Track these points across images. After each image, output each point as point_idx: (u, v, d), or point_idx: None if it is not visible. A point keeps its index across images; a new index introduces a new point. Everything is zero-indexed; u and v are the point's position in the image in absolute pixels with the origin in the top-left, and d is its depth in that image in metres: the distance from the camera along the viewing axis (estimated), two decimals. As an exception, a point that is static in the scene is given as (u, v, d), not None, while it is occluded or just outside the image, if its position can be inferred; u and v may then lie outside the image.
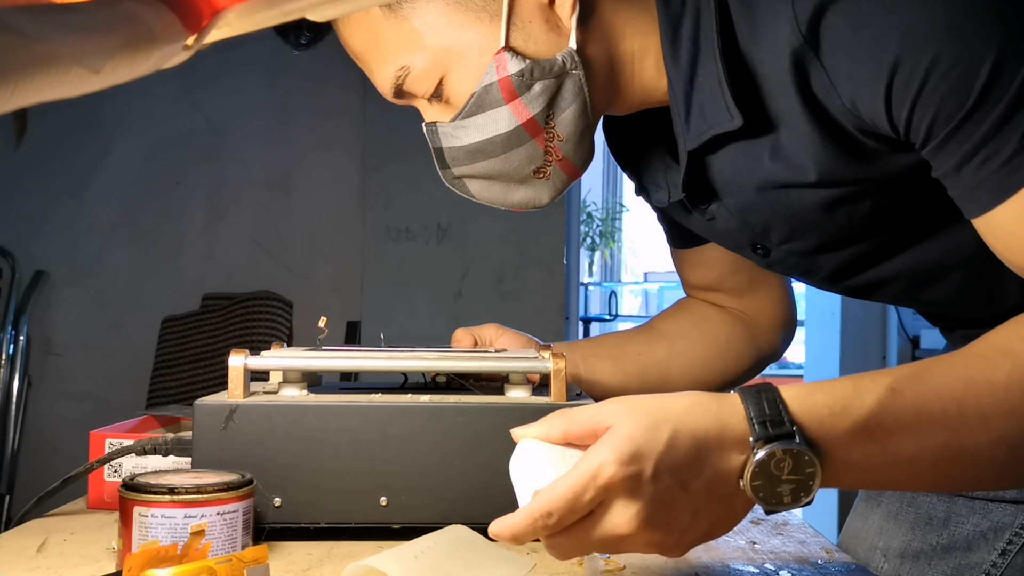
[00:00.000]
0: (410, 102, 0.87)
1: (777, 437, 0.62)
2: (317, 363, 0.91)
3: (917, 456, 0.65)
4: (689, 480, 0.62)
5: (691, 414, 0.63)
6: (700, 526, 0.64)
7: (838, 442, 0.63)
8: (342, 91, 3.26)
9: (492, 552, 0.81)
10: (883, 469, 0.66)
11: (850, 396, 0.64)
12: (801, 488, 0.63)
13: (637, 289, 9.68)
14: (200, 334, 2.97)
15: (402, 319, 3.21)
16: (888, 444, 0.64)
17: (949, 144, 0.69)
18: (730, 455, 0.63)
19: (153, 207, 3.29)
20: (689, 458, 0.62)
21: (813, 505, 0.68)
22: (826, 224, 0.83)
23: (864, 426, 0.63)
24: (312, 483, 0.85)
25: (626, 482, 0.60)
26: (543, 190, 0.87)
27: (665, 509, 0.62)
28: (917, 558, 0.97)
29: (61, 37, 0.28)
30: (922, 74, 0.67)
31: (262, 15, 0.35)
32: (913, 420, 0.64)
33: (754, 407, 0.63)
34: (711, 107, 0.78)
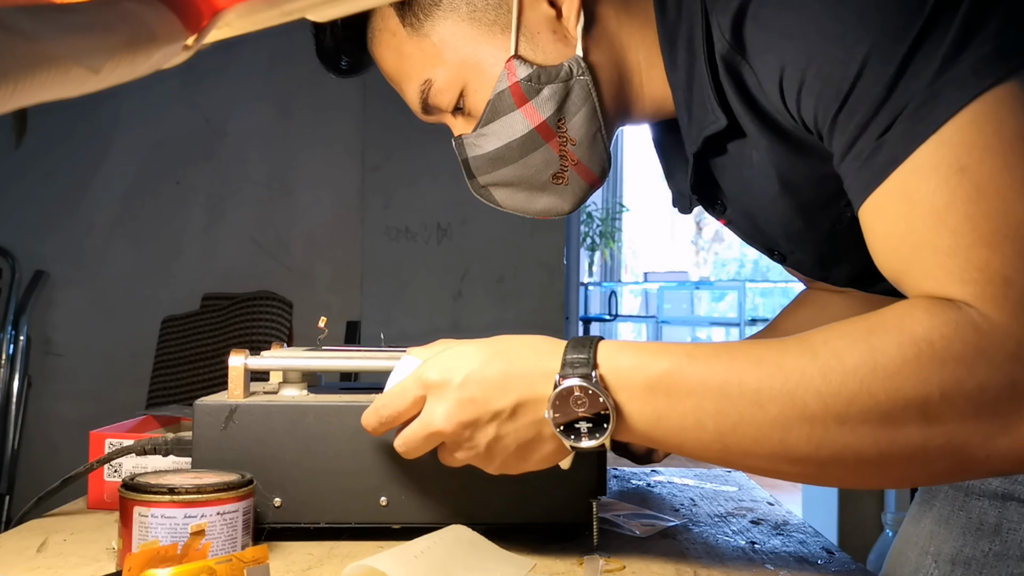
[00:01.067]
0: (439, 118, 0.91)
1: (576, 375, 0.70)
2: (317, 363, 0.91)
3: (700, 421, 0.68)
4: (492, 397, 0.72)
5: (515, 348, 0.74)
6: (507, 444, 0.74)
7: (630, 393, 0.70)
8: (342, 91, 3.26)
9: (492, 552, 0.81)
10: (672, 429, 0.69)
11: (651, 354, 0.70)
12: (596, 428, 0.70)
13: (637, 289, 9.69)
14: (200, 334, 2.97)
15: (402, 319, 3.21)
16: (674, 404, 0.68)
17: (832, 140, 0.70)
18: (539, 385, 0.72)
19: (153, 207, 3.30)
20: (497, 379, 0.72)
21: (813, 505, 0.69)
22: (813, 235, 0.84)
23: (655, 383, 0.69)
24: (312, 483, 0.85)
25: (438, 385, 0.73)
26: (565, 197, 0.91)
27: (468, 414, 0.72)
28: (969, 564, 0.97)
29: (61, 37, 0.28)
30: (800, 75, 0.69)
31: (262, 15, 0.36)
32: (696, 384, 0.68)
33: (571, 349, 0.72)
34: (702, 110, 0.81)
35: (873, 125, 0.66)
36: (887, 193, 0.67)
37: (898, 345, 0.63)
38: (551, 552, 0.84)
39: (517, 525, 0.86)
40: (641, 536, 0.92)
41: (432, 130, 0.99)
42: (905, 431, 0.64)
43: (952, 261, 0.64)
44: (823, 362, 0.65)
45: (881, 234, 0.69)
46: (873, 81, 0.66)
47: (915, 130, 0.65)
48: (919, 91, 0.64)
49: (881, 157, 0.66)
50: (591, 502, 0.85)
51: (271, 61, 3.28)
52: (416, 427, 0.75)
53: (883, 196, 0.67)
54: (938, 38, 0.64)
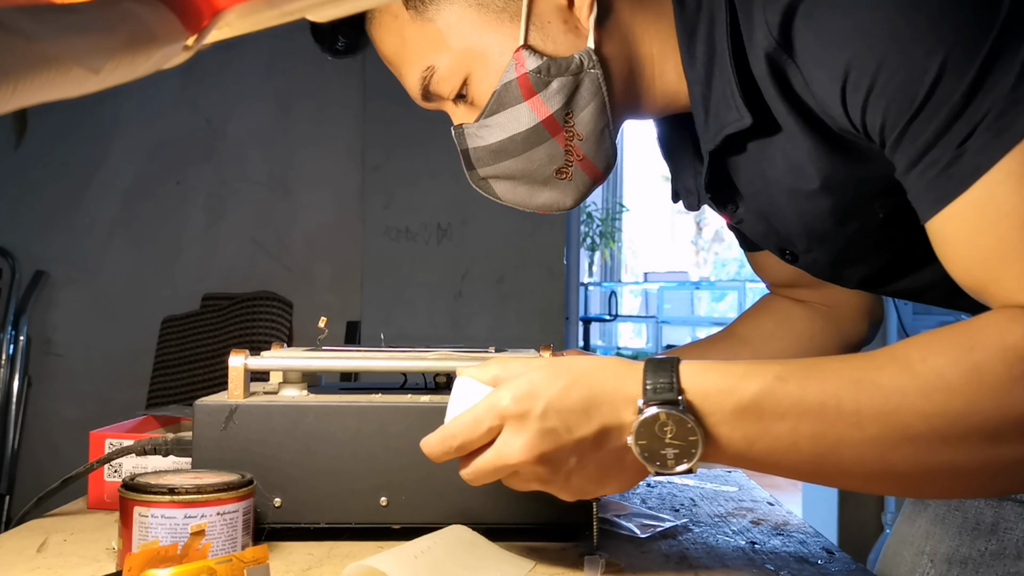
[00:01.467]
0: (439, 105, 0.89)
1: (662, 401, 0.67)
2: (317, 363, 0.91)
3: (795, 444, 0.67)
4: (575, 425, 0.69)
5: (592, 371, 0.70)
6: (588, 473, 0.71)
7: (720, 418, 0.68)
8: (342, 91, 3.26)
9: (492, 552, 0.81)
10: (764, 452, 0.68)
11: (738, 377, 0.68)
12: (684, 454, 0.68)
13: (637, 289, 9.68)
14: (200, 334, 2.97)
15: (402, 319, 3.21)
16: (767, 427, 0.67)
17: (899, 148, 0.69)
18: (621, 412, 0.69)
19: (153, 207, 3.29)
20: (578, 406, 0.69)
21: (813, 506, 0.69)
22: (839, 235, 0.83)
23: (745, 407, 0.67)
24: (312, 483, 0.85)
25: (518, 415, 0.69)
26: (567, 192, 0.88)
27: (549, 445, 0.69)
28: (965, 564, 0.97)
29: (61, 37, 0.28)
30: (869, 79, 0.67)
31: (262, 15, 0.35)
32: (791, 407, 0.66)
33: (651, 373, 0.69)
34: (724, 108, 0.79)
35: (950, 135, 0.65)
36: (969, 203, 0.65)
37: (1003, 362, 0.63)
38: (551, 552, 0.84)
39: (517, 525, 0.86)
40: (641, 536, 0.92)
41: (432, 130, 0.99)
42: (1009, 447, 0.64)
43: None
44: (924, 381, 0.64)
45: (962, 244, 0.67)
46: (951, 89, 0.64)
47: (999, 139, 0.64)
48: (999, 100, 0.63)
49: (962, 167, 0.65)
50: (591, 502, 0.85)
51: (271, 61, 3.28)
52: (491, 459, 0.71)
53: (965, 206, 0.66)
54: (1016, 45, 0.64)
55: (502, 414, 0.70)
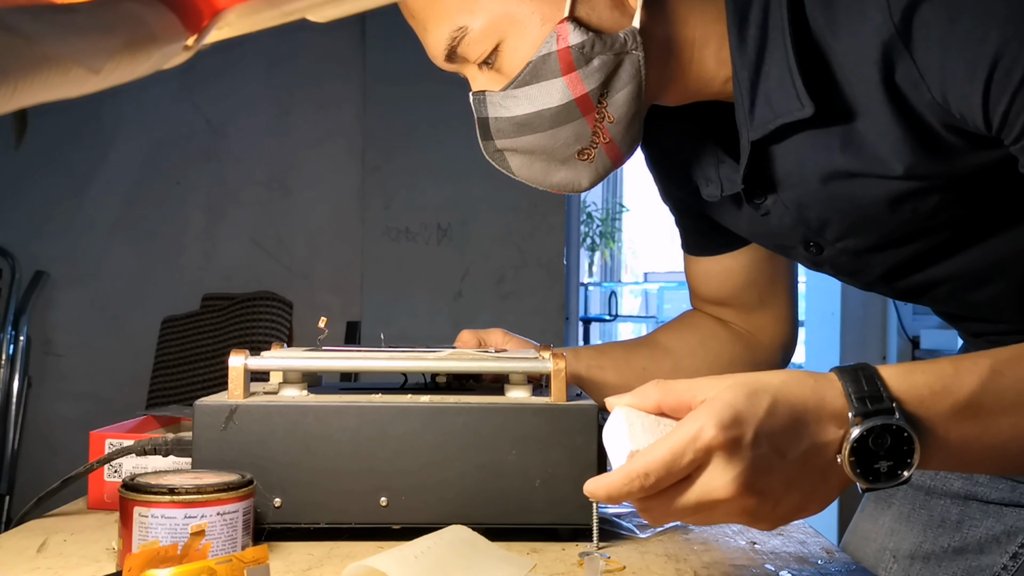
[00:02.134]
0: (460, 68, 0.85)
1: (876, 412, 0.62)
2: (317, 363, 0.91)
3: (1015, 438, 0.64)
4: (787, 448, 0.62)
5: (789, 386, 0.64)
6: (793, 498, 0.64)
7: (938, 421, 0.63)
8: (343, 91, 3.26)
9: (492, 552, 0.81)
10: (980, 450, 0.65)
11: (951, 376, 0.64)
12: (899, 465, 0.63)
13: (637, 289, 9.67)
14: (200, 334, 2.97)
15: (402, 319, 3.21)
16: (988, 425, 0.64)
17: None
18: (828, 428, 0.63)
19: (153, 207, 3.29)
20: (788, 427, 0.62)
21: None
22: (889, 220, 0.81)
23: (965, 406, 0.63)
24: (312, 483, 0.85)
25: (726, 446, 0.60)
26: (584, 173, 0.85)
27: (762, 475, 0.62)
28: (927, 559, 0.97)
29: (61, 37, 0.28)
30: (1022, 66, 0.66)
31: (262, 15, 0.36)
32: (1014, 401, 0.64)
33: (852, 383, 0.63)
34: (779, 96, 0.76)
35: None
36: None
37: None
38: (551, 552, 0.84)
39: (517, 525, 0.86)
40: (641, 536, 0.92)
41: (432, 130, 0.99)
42: None
43: None
44: None
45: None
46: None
47: None
48: None
49: None
50: (591, 502, 0.85)
51: (271, 61, 3.28)
52: (693, 497, 0.62)
53: None
54: None
55: (709, 446, 0.61)
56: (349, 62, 3.25)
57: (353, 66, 3.25)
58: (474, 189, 3.19)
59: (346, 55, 3.24)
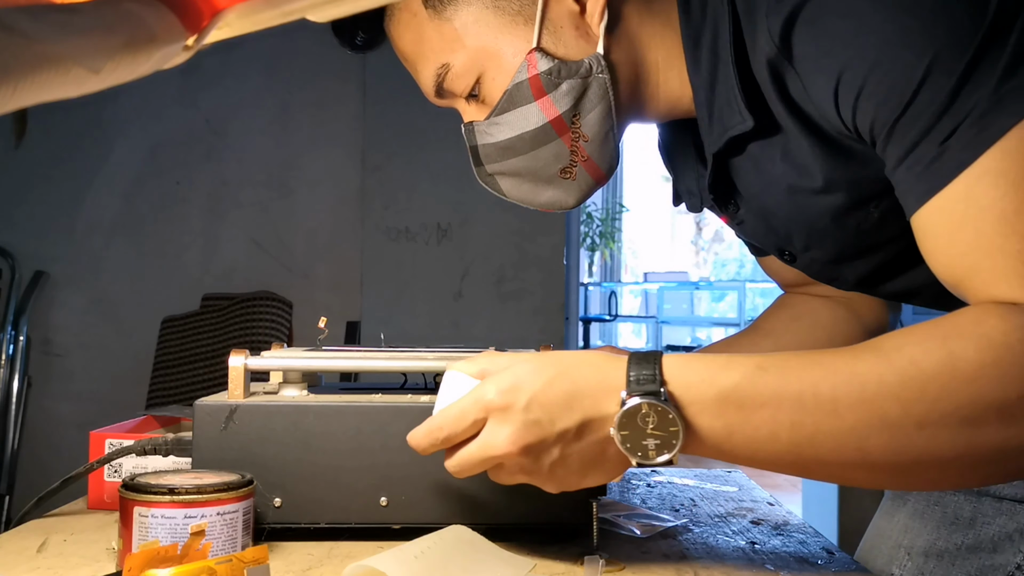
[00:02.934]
0: (451, 103, 0.91)
1: (645, 393, 0.68)
2: (317, 363, 0.91)
3: (774, 433, 0.67)
4: (557, 418, 0.70)
5: (577, 365, 0.72)
6: (571, 465, 0.72)
7: (700, 408, 0.69)
8: (342, 91, 3.26)
9: (492, 552, 0.81)
10: (744, 443, 0.69)
11: (719, 368, 0.69)
12: (665, 445, 0.69)
13: (637, 289, 9.69)
14: (200, 334, 2.97)
15: (402, 319, 3.21)
16: (747, 417, 0.68)
17: (888, 146, 0.71)
18: (603, 403, 0.70)
19: (153, 207, 3.30)
20: (561, 399, 0.70)
21: (813, 505, 0.69)
22: (838, 234, 0.85)
23: (725, 396, 0.68)
24: (312, 483, 0.85)
25: (502, 408, 0.71)
26: (570, 191, 0.91)
27: (535, 438, 0.70)
28: (941, 557, 0.98)
29: (61, 37, 0.28)
30: (860, 80, 0.70)
31: (262, 15, 0.36)
32: (770, 396, 0.67)
33: (634, 365, 0.70)
34: (727, 111, 0.81)
35: (935, 132, 0.67)
36: (950, 198, 0.67)
37: (976, 350, 0.64)
38: (551, 552, 0.84)
39: (517, 525, 0.86)
40: (641, 536, 0.92)
41: (432, 131, 0.99)
42: (984, 433, 0.64)
43: (1023, 266, 0.65)
44: (900, 369, 0.65)
45: (944, 238, 0.69)
46: (937, 89, 0.66)
47: (980, 136, 0.66)
48: (983, 99, 0.65)
49: (944, 162, 0.67)
50: (591, 502, 0.85)
51: (271, 61, 3.28)
52: (475, 450, 0.72)
53: (946, 200, 0.68)
54: (999, 48, 0.66)
55: (487, 407, 0.71)
56: (349, 62, 3.25)
57: (353, 66, 3.25)
58: (474, 189, 3.17)
59: (346, 55, 3.23)
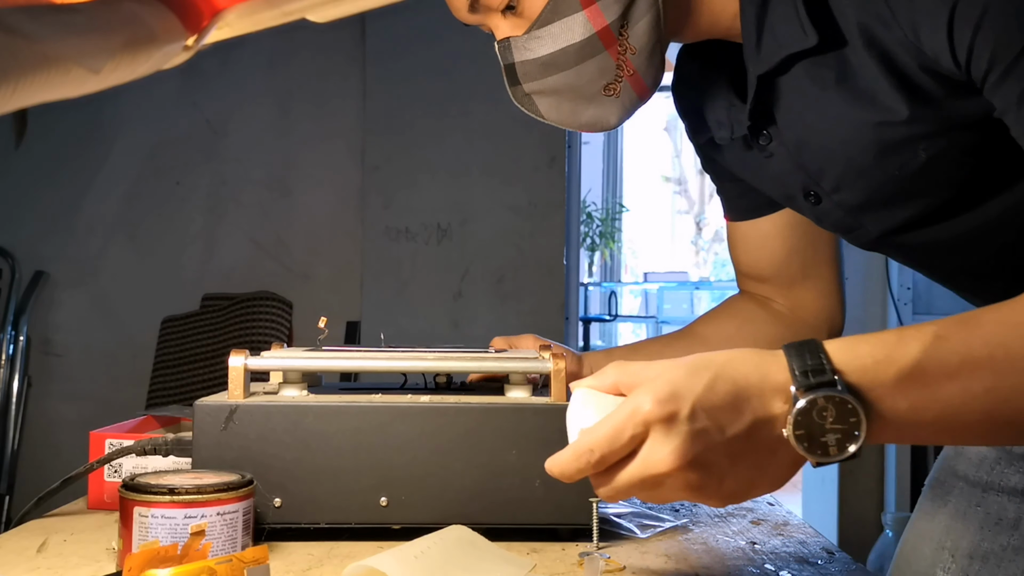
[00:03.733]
0: (483, 18, 0.87)
1: (818, 385, 0.62)
2: (317, 363, 0.91)
3: (966, 404, 0.63)
4: (727, 423, 0.63)
5: (732, 363, 0.65)
6: (741, 474, 0.64)
7: (883, 391, 0.63)
8: (342, 91, 3.26)
9: (492, 552, 0.81)
10: (932, 419, 0.64)
11: (893, 345, 0.63)
12: (847, 438, 0.62)
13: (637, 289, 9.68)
14: (200, 334, 2.97)
15: (402, 319, 3.21)
16: (935, 391, 0.63)
17: (1009, 77, 0.67)
18: (771, 402, 0.63)
19: (153, 207, 3.29)
20: (727, 402, 0.63)
21: (813, 505, 0.68)
22: (876, 173, 0.81)
23: (909, 373, 0.62)
24: (312, 483, 0.85)
25: (663, 419, 0.62)
26: (612, 109, 0.87)
27: (702, 448, 0.62)
28: (987, 559, 0.96)
29: (61, 38, 0.28)
30: (980, 10, 0.67)
31: (262, 15, 0.36)
32: (959, 365, 0.62)
33: (796, 358, 0.64)
34: (783, 27, 0.78)
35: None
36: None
37: None
38: (551, 552, 0.84)
39: (517, 525, 0.86)
40: (641, 536, 0.92)
41: (433, 131, 0.99)
42: None
43: None
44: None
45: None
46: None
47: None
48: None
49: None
50: (591, 502, 0.85)
51: (271, 61, 3.28)
52: (636, 470, 0.63)
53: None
54: None
55: (646, 420, 0.63)
56: (349, 62, 3.24)
57: (353, 66, 3.25)
58: (474, 189, 3.19)
59: (346, 55, 3.24)
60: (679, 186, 15.90)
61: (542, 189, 3.20)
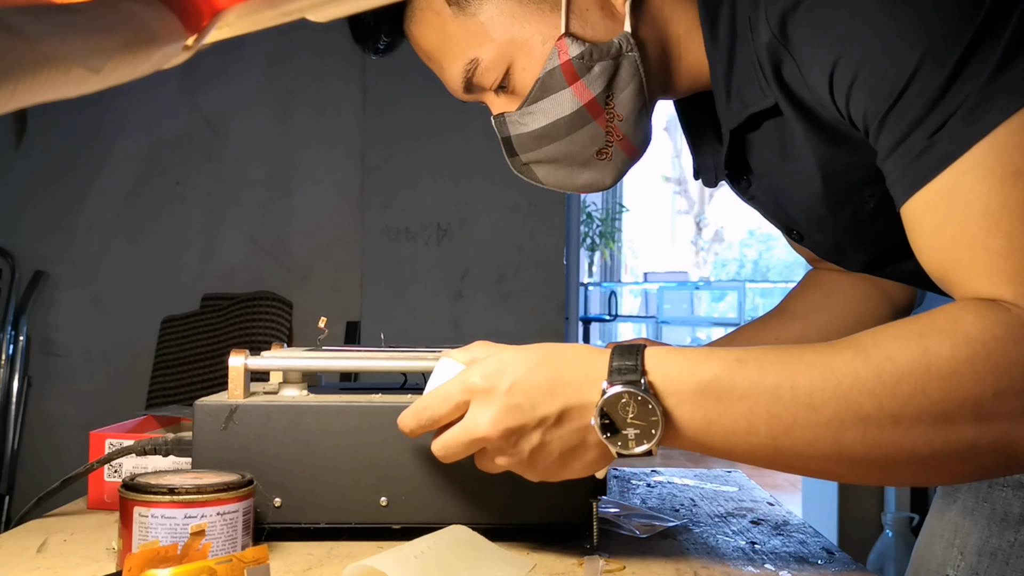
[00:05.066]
0: (479, 97, 0.91)
1: (625, 382, 0.69)
2: (317, 363, 0.91)
3: (752, 425, 0.68)
4: (538, 403, 0.71)
5: (561, 354, 0.73)
6: (551, 451, 0.73)
7: (680, 398, 0.69)
8: (342, 91, 3.26)
9: (492, 552, 0.81)
10: (722, 433, 0.69)
11: (700, 360, 0.70)
12: (644, 435, 0.70)
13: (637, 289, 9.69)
14: (200, 334, 2.97)
15: (402, 319, 3.21)
16: (726, 408, 0.68)
17: (880, 136, 0.71)
18: (585, 392, 0.71)
19: (153, 207, 3.30)
20: (543, 386, 0.72)
21: (813, 505, 0.69)
22: (835, 221, 0.85)
23: (704, 388, 0.69)
24: (312, 483, 0.85)
25: (484, 391, 0.72)
26: (606, 171, 0.91)
27: (514, 422, 0.71)
28: (995, 555, 0.97)
29: (61, 37, 0.28)
30: (854, 69, 0.70)
31: (262, 15, 0.36)
32: (747, 388, 0.68)
33: (617, 356, 0.71)
34: (747, 87, 0.81)
35: (925, 124, 0.67)
36: (937, 191, 0.67)
37: (952, 347, 0.64)
38: (551, 552, 0.84)
39: (517, 525, 0.86)
40: (641, 536, 0.92)
41: (432, 131, 0.99)
42: (958, 430, 0.64)
43: (1005, 263, 0.65)
44: (876, 364, 0.65)
45: (929, 231, 0.69)
46: (928, 81, 0.66)
47: (969, 130, 0.65)
48: (973, 93, 0.65)
49: (933, 154, 0.67)
50: (591, 502, 0.85)
51: (271, 61, 3.28)
52: (458, 432, 0.74)
53: (933, 193, 0.68)
54: (992, 42, 0.65)
55: (470, 389, 0.73)
56: (349, 62, 3.25)
57: (353, 66, 3.25)
58: (474, 189, 3.19)
59: (346, 55, 3.24)
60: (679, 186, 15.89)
61: (542, 189, 3.20)
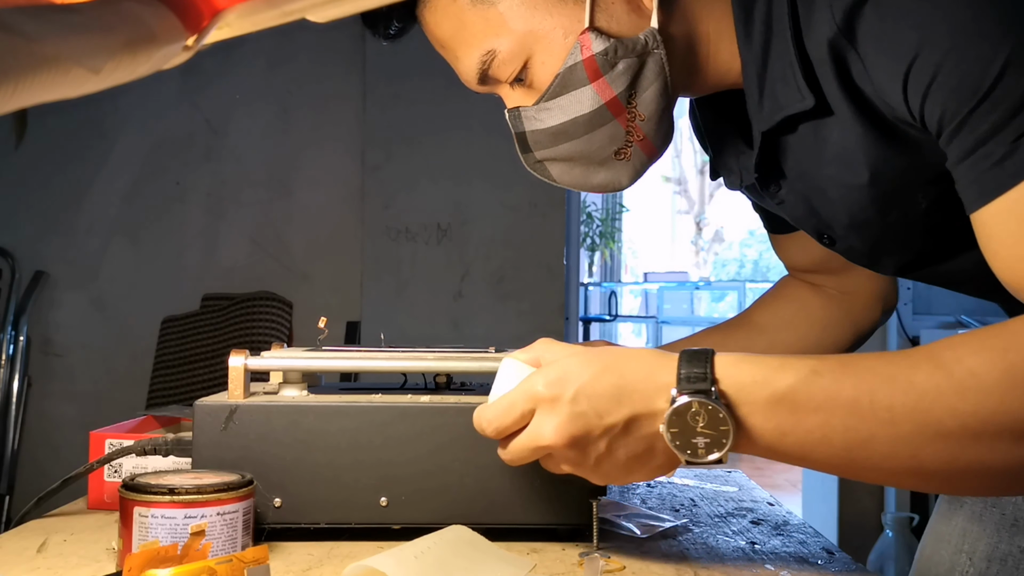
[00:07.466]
0: (493, 89, 0.88)
1: (696, 391, 0.68)
2: (317, 363, 0.91)
3: (827, 437, 0.67)
4: (605, 411, 0.70)
5: (626, 360, 0.72)
6: (617, 458, 0.72)
7: (753, 408, 0.68)
8: (342, 91, 3.26)
9: (492, 552, 0.81)
10: (795, 444, 0.68)
11: (774, 369, 0.69)
12: (715, 444, 0.69)
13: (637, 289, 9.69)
14: (200, 334, 2.97)
15: (402, 319, 3.21)
16: (800, 419, 0.67)
17: (955, 139, 0.69)
18: (653, 400, 0.70)
19: (153, 207, 3.29)
20: (609, 392, 0.70)
21: (813, 505, 0.69)
22: (881, 223, 0.83)
23: (779, 398, 0.68)
24: (312, 483, 0.85)
25: (549, 399, 0.71)
26: (623, 172, 0.88)
27: (580, 430, 0.70)
28: (1004, 561, 0.97)
29: (61, 37, 0.28)
30: (933, 68, 0.68)
31: (262, 15, 0.36)
32: (824, 401, 0.67)
33: (686, 363, 0.70)
34: (783, 88, 0.79)
35: (1009, 129, 0.66)
36: (1018, 199, 0.66)
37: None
38: (551, 552, 0.84)
39: (517, 525, 0.86)
40: (641, 536, 0.92)
41: (433, 130, 0.99)
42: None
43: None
44: (958, 381, 0.64)
45: (1008, 239, 0.68)
46: (1014, 84, 0.65)
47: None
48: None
49: (1016, 161, 0.66)
50: (591, 502, 0.85)
51: (271, 61, 3.28)
52: (524, 440, 0.73)
53: (1013, 201, 0.66)
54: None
55: (535, 398, 0.72)
56: (349, 62, 3.24)
57: (353, 66, 3.25)
58: (474, 189, 3.19)
59: (346, 54, 3.24)
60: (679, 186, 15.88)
61: (542, 189, 3.20)
